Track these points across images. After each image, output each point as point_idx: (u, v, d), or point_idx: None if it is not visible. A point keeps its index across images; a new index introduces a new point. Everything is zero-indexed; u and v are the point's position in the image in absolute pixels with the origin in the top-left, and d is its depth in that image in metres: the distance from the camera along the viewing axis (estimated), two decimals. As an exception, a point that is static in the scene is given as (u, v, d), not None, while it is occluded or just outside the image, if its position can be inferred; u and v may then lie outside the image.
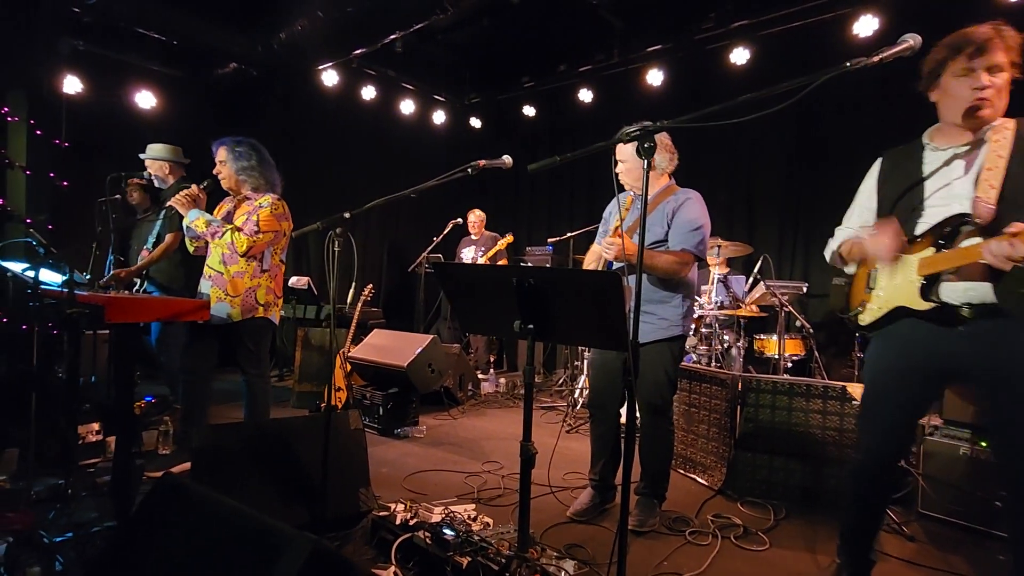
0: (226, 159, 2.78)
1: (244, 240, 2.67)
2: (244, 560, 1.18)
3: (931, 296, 1.59)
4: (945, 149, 1.66)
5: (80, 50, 4.89)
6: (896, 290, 1.69)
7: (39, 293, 2.26)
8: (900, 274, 1.68)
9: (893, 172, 1.79)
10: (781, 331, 4.06)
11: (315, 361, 4.41)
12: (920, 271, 1.62)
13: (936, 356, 1.64)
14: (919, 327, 1.64)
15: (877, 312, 1.75)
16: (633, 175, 2.39)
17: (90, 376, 3.41)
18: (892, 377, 1.74)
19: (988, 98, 1.54)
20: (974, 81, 1.54)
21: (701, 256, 2.38)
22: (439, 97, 7.16)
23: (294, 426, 2.35)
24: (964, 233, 1.55)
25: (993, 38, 1.52)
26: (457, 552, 1.79)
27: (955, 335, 1.59)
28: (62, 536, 1.92)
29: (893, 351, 1.74)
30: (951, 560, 2.22)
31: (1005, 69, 1.54)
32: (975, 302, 1.55)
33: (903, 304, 1.67)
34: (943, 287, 1.59)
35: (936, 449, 2.56)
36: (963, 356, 1.60)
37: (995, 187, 1.52)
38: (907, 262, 1.66)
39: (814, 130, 5.02)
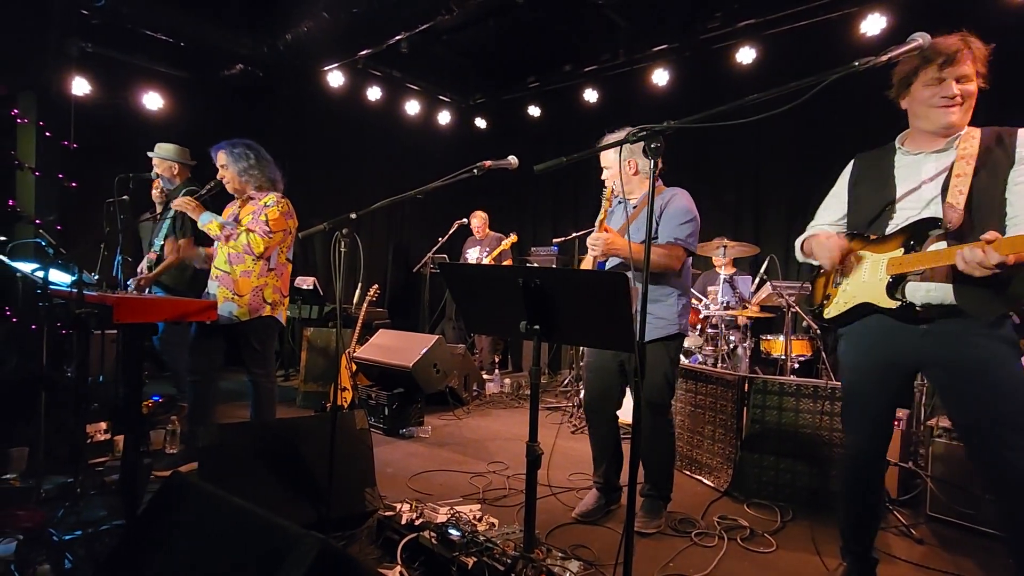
0: (227, 162, 2.80)
1: (260, 241, 2.69)
2: (252, 558, 1.19)
3: (896, 294, 1.67)
4: (916, 154, 1.74)
5: (88, 52, 4.92)
6: (862, 286, 1.75)
7: (48, 293, 2.28)
8: (867, 271, 1.75)
9: (865, 174, 1.87)
10: (788, 332, 4.04)
11: (320, 361, 4.43)
12: (889, 270, 1.68)
13: (901, 351, 1.72)
14: (884, 323, 1.72)
15: (842, 306, 1.81)
16: (618, 179, 2.43)
17: (98, 376, 3.44)
18: (864, 372, 1.82)
19: (957, 106, 1.63)
20: (944, 89, 1.62)
21: (691, 249, 2.37)
22: (444, 97, 7.17)
23: (300, 426, 2.36)
24: (933, 237, 1.63)
25: (962, 49, 1.59)
26: (463, 552, 1.79)
27: (918, 332, 1.66)
28: (71, 534, 1.93)
29: (862, 347, 1.82)
30: (960, 563, 2.21)
31: (973, 79, 1.61)
32: (935, 302, 1.62)
33: (869, 300, 1.73)
34: (908, 287, 1.66)
35: (944, 452, 2.54)
36: (925, 352, 1.68)
37: (963, 193, 1.59)
38: (875, 260, 1.73)
39: (821, 129, 4.99)
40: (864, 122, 4.66)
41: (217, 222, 2.74)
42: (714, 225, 5.44)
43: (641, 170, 2.44)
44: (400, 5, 4.51)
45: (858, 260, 1.78)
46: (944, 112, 1.64)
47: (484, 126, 7.32)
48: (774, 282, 4.16)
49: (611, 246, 2.22)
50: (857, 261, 1.79)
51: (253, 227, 2.72)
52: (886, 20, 4.31)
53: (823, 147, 5.00)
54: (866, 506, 1.91)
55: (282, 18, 5.01)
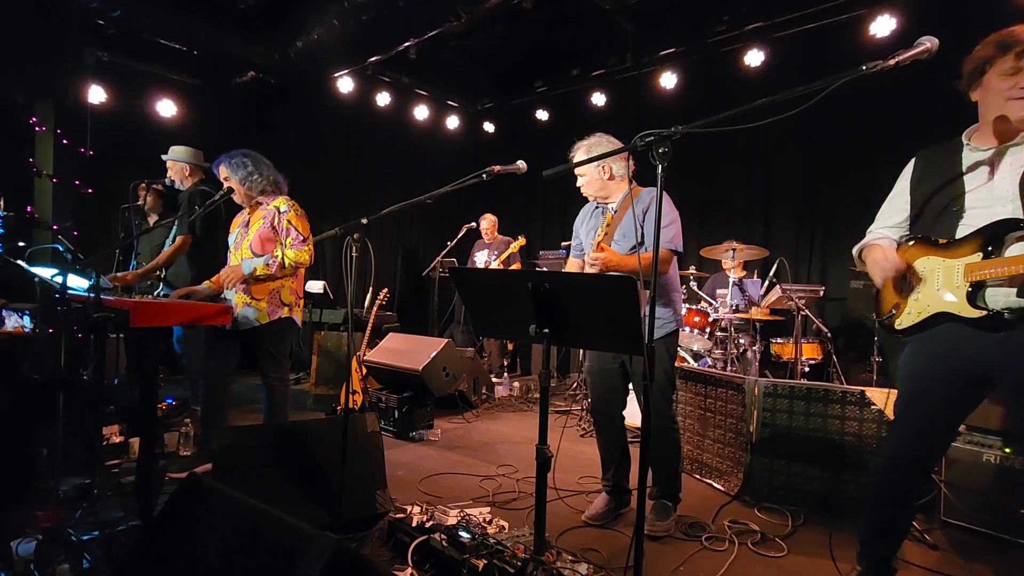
0: (228, 174, 2.84)
1: (303, 254, 2.75)
2: (267, 559, 1.21)
3: (978, 303, 1.57)
4: (986, 149, 1.62)
5: (104, 61, 5.03)
6: (936, 296, 1.65)
7: (66, 298, 2.32)
8: (941, 278, 1.64)
9: (928, 172, 1.75)
10: (798, 335, 4.02)
11: (331, 364, 4.46)
12: (966, 277, 1.58)
13: (978, 361, 1.61)
14: (961, 332, 1.60)
15: (916, 316, 1.70)
16: (594, 186, 2.47)
17: (114, 379, 3.49)
18: (931, 380, 1.70)
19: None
20: (1017, 80, 1.51)
21: (678, 250, 2.40)
22: (453, 103, 7.21)
23: (312, 428, 2.39)
24: (1012, 238, 1.52)
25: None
26: (473, 555, 1.80)
27: (996, 339, 1.56)
28: (89, 534, 1.96)
29: (932, 355, 1.70)
30: (975, 569, 2.18)
31: None
32: (1016, 306, 1.52)
33: (946, 310, 1.63)
34: (987, 293, 1.56)
35: (959, 456, 2.51)
36: (1000, 361, 1.57)
37: None
38: (949, 267, 1.62)
39: (830, 132, 4.97)
40: (874, 123, 4.64)
41: (257, 264, 2.72)
42: (723, 228, 5.43)
43: (616, 174, 2.45)
44: (409, 12, 4.56)
45: (917, 277, 1.69)
46: (1022, 104, 1.52)
47: (492, 130, 7.36)
48: (784, 285, 4.15)
49: (607, 264, 2.24)
50: (916, 278, 1.70)
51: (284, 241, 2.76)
52: (896, 22, 4.28)
53: (833, 150, 4.98)
54: (896, 517, 1.82)
55: (293, 26, 5.09)
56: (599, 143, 2.42)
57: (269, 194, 2.88)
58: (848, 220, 4.75)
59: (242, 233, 2.87)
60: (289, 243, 2.76)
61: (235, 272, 2.71)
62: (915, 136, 1.83)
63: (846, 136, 4.87)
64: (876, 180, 2.00)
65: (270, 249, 2.78)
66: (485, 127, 7.34)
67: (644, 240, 2.35)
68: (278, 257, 2.73)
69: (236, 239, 2.89)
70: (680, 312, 2.50)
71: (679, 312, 2.49)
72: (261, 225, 2.79)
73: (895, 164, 1.90)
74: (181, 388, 4.07)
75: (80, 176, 4.41)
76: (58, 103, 4.52)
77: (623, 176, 2.48)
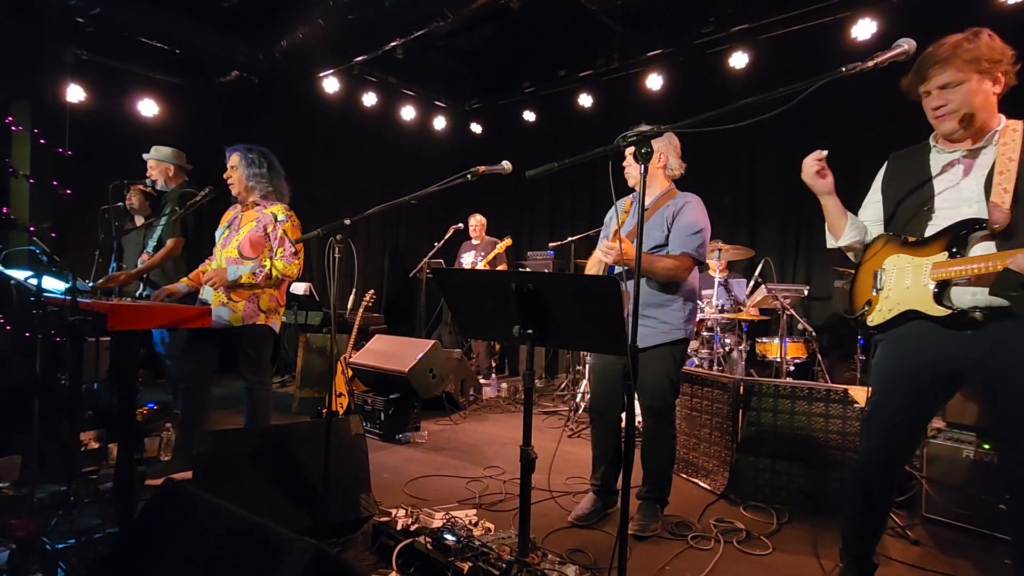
0: (238, 165, 2.79)
1: (292, 267, 2.73)
2: (246, 565, 1.19)
3: (944, 301, 1.61)
4: (952, 151, 1.68)
5: (83, 59, 4.93)
6: (906, 293, 1.69)
7: (42, 300, 2.27)
8: (910, 276, 1.69)
9: (899, 173, 1.82)
10: (783, 334, 4.05)
11: (316, 367, 4.42)
12: (933, 275, 1.62)
13: (945, 359, 1.65)
14: (929, 330, 1.65)
15: (887, 314, 1.75)
16: (632, 177, 2.42)
17: (92, 383, 3.42)
18: (900, 378, 1.74)
19: (942, 115, 1.62)
20: (931, 101, 1.64)
21: (701, 260, 2.39)
22: (440, 103, 7.19)
23: (295, 432, 2.36)
24: (976, 238, 1.56)
25: (941, 57, 1.58)
26: (458, 558, 1.79)
27: (964, 337, 1.60)
28: (64, 542, 1.92)
29: (902, 353, 1.74)
30: (955, 564, 2.21)
31: (963, 81, 1.58)
32: (983, 305, 1.56)
33: (915, 308, 1.67)
34: (953, 291, 1.60)
35: (939, 452, 2.54)
36: (970, 358, 1.61)
37: (1008, 191, 1.53)
38: (917, 265, 1.67)
39: (814, 132, 5.02)
40: (857, 123, 4.71)
41: (244, 272, 2.69)
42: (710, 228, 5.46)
43: (669, 167, 2.48)
44: (395, 11, 4.53)
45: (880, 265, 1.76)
46: (938, 123, 1.64)
47: (479, 131, 7.34)
48: (769, 285, 4.18)
49: (626, 256, 2.19)
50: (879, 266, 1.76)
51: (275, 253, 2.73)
52: (876, 25, 4.35)
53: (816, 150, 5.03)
54: (874, 513, 1.86)
55: (278, 25, 5.03)
56: (669, 139, 2.45)
57: (268, 199, 2.84)
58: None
59: (231, 232, 2.82)
60: (280, 254, 2.73)
61: (220, 276, 2.67)
62: (897, 137, 1.86)
63: (829, 137, 4.92)
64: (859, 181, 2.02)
65: (259, 253, 2.74)
66: (472, 128, 7.33)
67: (667, 242, 2.36)
68: (265, 267, 2.69)
69: (224, 235, 2.84)
70: (692, 320, 2.45)
71: (692, 321, 2.45)
72: (253, 227, 2.75)
73: (877, 165, 1.93)
74: (162, 392, 4.01)
75: (58, 177, 4.31)
76: (35, 102, 4.42)
77: (670, 175, 2.49)
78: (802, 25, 4.75)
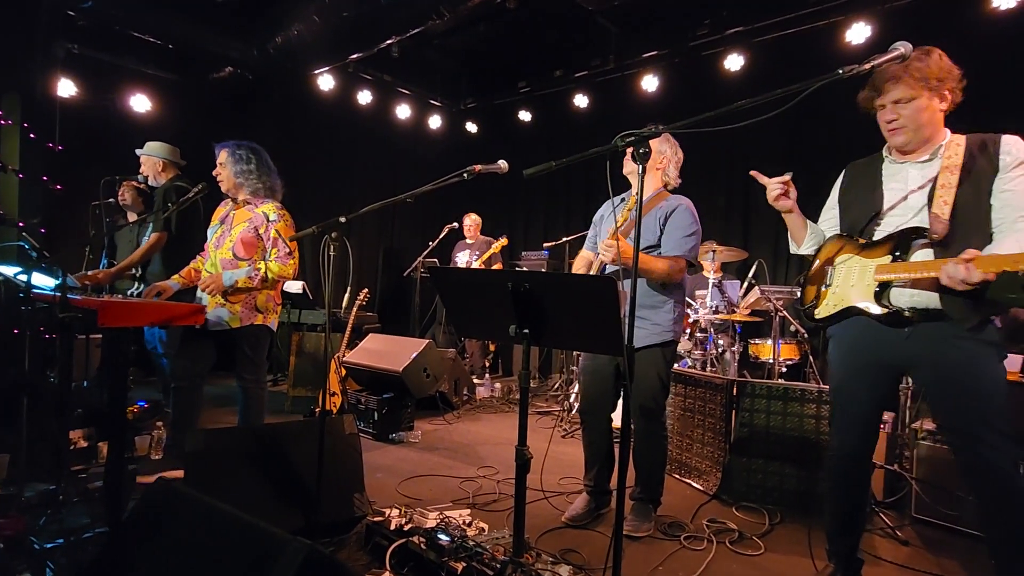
0: (226, 162, 2.76)
1: (287, 268, 2.70)
2: (238, 565, 1.18)
3: (883, 301, 1.72)
4: (902, 163, 1.80)
5: (75, 53, 4.87)
6: (851, 290, 1.80)
7: (31, 297, 2.24)
8: (856, 275, 1.80)
9: (854, 181, 1.95)
10: (776, 336, 4.07)
11: (310, 366, 4.39)
12: (876, 275, 1.72)
13: (887, 352, 1.76)
14: (870, 327, 1.76)
15: (832, 308, 1.86)
16: (628, 165, 2.45)
17: (83, 381, 3.39)
18: (851, 372, 1.86)
19: (895, 128, 1.73)
20: (884, 115, 1.75)
21: (693, 262, 2.42)
22: (435, 102, 7.17)
23: (288, 431, 2.34)
24: (918, 245, 1.68)
25: (894, 74, 1.67)
26: (452, 557, 1.78)
27: (902, 335, 1.71)
28: (53, 542, 1.90)
29: (850, 349, 1.86)
30: (945, 564, 2.23)
31: (915, 96, 1.67)
32: (919, 307, 1.67)
33: (856, 304, 1.78)
34: (892, 292, 1.71)
35: (929, 454, 2.57)
36: (910, 354, 1.72)
37: (948, 204, 1.64)
38: (864, 265, 1.78)
39: (808, 135, 5.06)
40: (851, 128, 4.73)
41: (239, 276, 2.65)
42: (703, 230, 5.48)
43: (668, 171, 2.52)
44: (391, 9, 4.52)
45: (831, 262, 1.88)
46: (890, 136, 1.76)
47: (475, 131, 7.33)
48: (762, 286, 4.20)
49: (624, 256, 2.20)
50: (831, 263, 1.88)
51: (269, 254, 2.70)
52: (871, 29, 4.38)
53: (811, 153, 5.07)
54: (852, 507, 1.93)
55: (272, 21, 5.00)
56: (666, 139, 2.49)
57: (259, 196, 2.80)
58: (824, 223, 4.83)
59: (223, 230, 2.79)
60: (274, 255, 2.70)
61: (216, 282, 2.64)
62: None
63: (823, 140, 4.96)
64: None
65: (252, 254, 2.71)
66: (468, 127, 7.31)
67: (659, 244, 2.37)
68: (260, 270, 2.66)
69: (216, 235, 2.81)
70: (680, 323, 2.47)
71: (680, 323, 2.46)
72: (245, 228, 2.72)
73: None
74: (153, 390, 3.97)
75: (48, 172, 4.25)
76: (25, 96, 4.37)
77: (666, 180, 2.52)
78: (797, 29, 4.78)
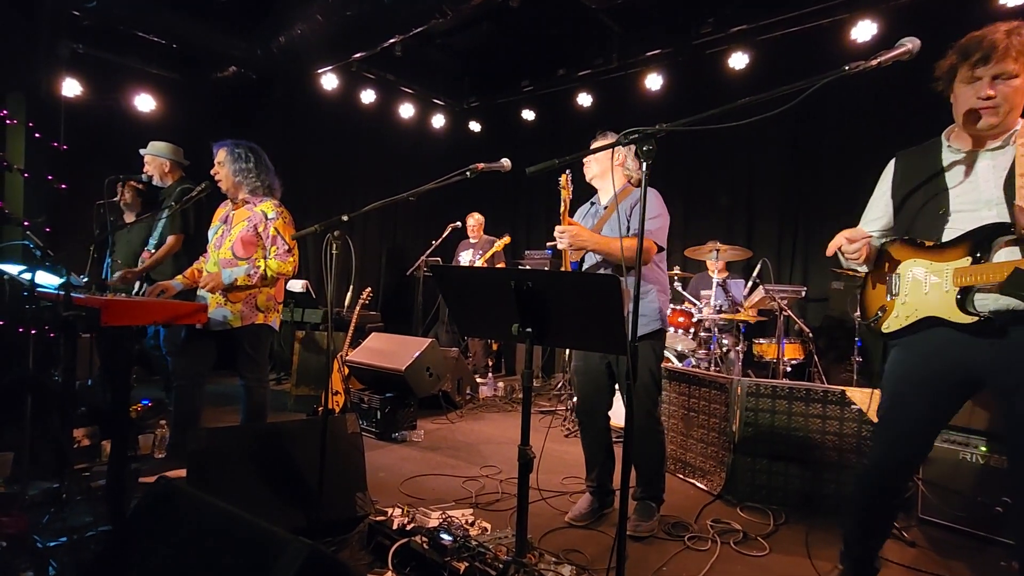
0: (224, 161, 2.76)
1: (286, 265, 2.70)
2: (239, 565, 1.17)
3: (968, 308, 1.55)
4: (967, 151, 1.62)
5: (79, 53, 4.89)
6: (926, 299, 1.64)
7: (35, 296, 2.25)
8: (930, 282, 1.63)
9: (909, 173, 1.73)
10: (780, 335, 4.05)
11: (313, 365, 4.40)
12: (956, 281, 1.56)
13: (963, 365, 1.60)
14: (950, 336, 1.60)
15: (904, 320, 1.69)
16: (602, 164, 2.56)
17: (87, 379, 3.39)
18: (917, 384, 1.69)
19: (990, 107, 1.52)
20: (978, 90, 1.52)
21: (661, 244, 2.41)
22: (438, 101, 7.17)
23: (291, 430, 2.34)
24: (1001, 243, 1.51)
25: (1001, 44, 1.48)
26: (454, 557, 1.77)
27: (986, 344, 1.55)
28: (56, 540, 1.90)
29: (918, 359, 1.69)
30: (952, 566, 2.21)
31: (1018, 75, 1.49)
32: (1004, 310, 1.51)
33: (936, 314, 1.61)
34: (976, 297, 1.55)
35: (937, 455, 2.54)
36: (988, 363, 1.57)
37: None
38: (938, 270, 1.61)
39: (813, 134, 5.03)
40: (856, 125, 4.71)
41: (238, 274, 2.66)
42: (707, 229, 5.46)
43: (627, 167, 2.54)
44: (394, 8, 4.51)
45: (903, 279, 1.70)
46: (984, 115, 1.53)
47: (478, 130, 7.33)
48: (767, 286, 4.18)
49: (577, 238, 2.28)
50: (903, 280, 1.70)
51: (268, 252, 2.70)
52: (877, 27, 4.34)
53: (816, 151, 5.04)
54: (881, 519, 1.83)
55: (276, 20, 5.00)
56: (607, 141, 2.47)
57: (258, 195, 2.81)
58: (830, 221, 4.81)
59: (224, 229, 2.80)
60: (274, 252, 2.70)
61: (215, 280, 2.64)
62: (896, 138, 1.85)
63: (829, 138, 4.93)
64: (858, 181, 2.03)
65: (252, 252, 2.71)
66: (471, 126, 7.31)
67: (629, 232, 2.36)
68: (260, 268, 2.67)
69: (217, 235, 2.81)
70: (665, 311, 2.48)
71: (664, 311, 2.47)
72: (244, 227, 2.72)
73: (877, 165, 1.91)
74: (157, 389, 3.98)
75: (53, 171, 4.27)
76: (30, 96, 4.39)
77: (629, 173, 2.53)
78: (801, 26, 4.75)
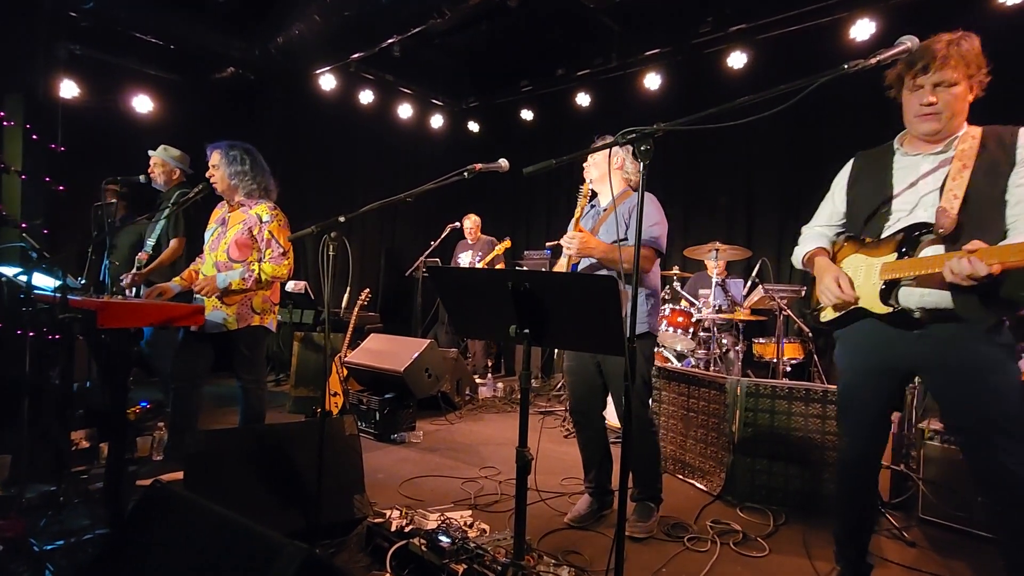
0: (219, 163, 2.75)
1: (281, 268, 2.68)
2: (235, 569, 1.16)
3: (889, 300, 1.65)
4: (914, 155, 1.71)
5: (77, 54, 4.88)
6: (857, 291, 1.74)
7: (32, 298, 2.24)
8: (862, 276, 1.74)
9: (863, 174, 1.84)
10: (780, 335, 4.04)
11: (311, 366, 4.39)
12: (882, 275, 1.66)
13: (896, 355, 1.70)
14: (878, 328, 1.70)
15: (838, 310, 1.80)
16: (600, 168, 2.51)
17: (84, 382, 3.38)
18: (859, 375, 1.81)
19: (932, 114, 1.60)
20: (920, 97, 1.61)
21: (660, 251, 2.42)
22: (437, 101, 7.16)
23: (289, 432, 2.33)
24: (925, 241, 1.60)
25: (940, 54, 1.55)
26: (453, 559, 1.77)
27: (912, 336, 1.65)
28: (53, 544, 1.89)
29: (857, 351, 1.81)
30: (952, 565, 2.21)
31: (958, 83, 1.57)
32: (930, 307, 1.60)
33: (863, 306, 1.72)
34: (901, 292, 1.64)
35: (936, 454, 2.54)
36: (920, 357, 1.66)
37: (958, 197, 1.55)
38: (870, 265, 1.72)
39: (812, 133, 5.02)
40: (856, 124, 4.70)
41: (233, 279, 2.64)
42: (706, 228, 5.46)
43: (626, 169, 2.52)
44: (392, 8, 4.51)
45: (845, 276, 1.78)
46: (921, 120, 1.62)
47: (477, 130, 7.32)
48: (766, 285, 4.17)
49: (585, 245, 2.28)
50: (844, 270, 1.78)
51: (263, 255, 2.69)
52: (875, 25, 4.35)
53: (815, 150, 5.03)
54: (861, 510, 1.90)
55: (274, 21, 4.99)
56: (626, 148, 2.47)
57: (253, 197, 2.79)
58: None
59: (220, 232, 2.79)
60: (268, 255, 2.69)
61: (210, 284, 2.63)
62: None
63: (828, 136, 4.92)
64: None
65: (247, 255, 2.70)
66: (470, 126, 7.30)
67: (627, 236, 2.35)
68: (255, 271, 2.65)
69: (213, 237, 2.80)
70: (655, 316, 2.48)
71: (655, 316, 2.47)
72: (239, 230, 2.70)
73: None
74: (155, 391, 3.97)
75: (51, 173, 4.26)
76: (28, 97, 4.37)
77: (627, 177, 2.52)
78: (800, 25, 4.74)
